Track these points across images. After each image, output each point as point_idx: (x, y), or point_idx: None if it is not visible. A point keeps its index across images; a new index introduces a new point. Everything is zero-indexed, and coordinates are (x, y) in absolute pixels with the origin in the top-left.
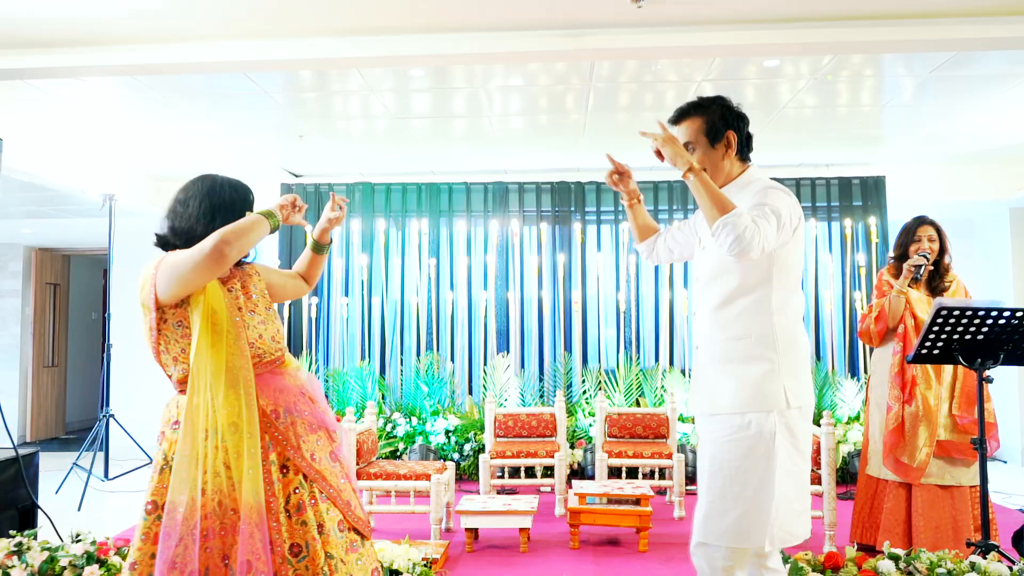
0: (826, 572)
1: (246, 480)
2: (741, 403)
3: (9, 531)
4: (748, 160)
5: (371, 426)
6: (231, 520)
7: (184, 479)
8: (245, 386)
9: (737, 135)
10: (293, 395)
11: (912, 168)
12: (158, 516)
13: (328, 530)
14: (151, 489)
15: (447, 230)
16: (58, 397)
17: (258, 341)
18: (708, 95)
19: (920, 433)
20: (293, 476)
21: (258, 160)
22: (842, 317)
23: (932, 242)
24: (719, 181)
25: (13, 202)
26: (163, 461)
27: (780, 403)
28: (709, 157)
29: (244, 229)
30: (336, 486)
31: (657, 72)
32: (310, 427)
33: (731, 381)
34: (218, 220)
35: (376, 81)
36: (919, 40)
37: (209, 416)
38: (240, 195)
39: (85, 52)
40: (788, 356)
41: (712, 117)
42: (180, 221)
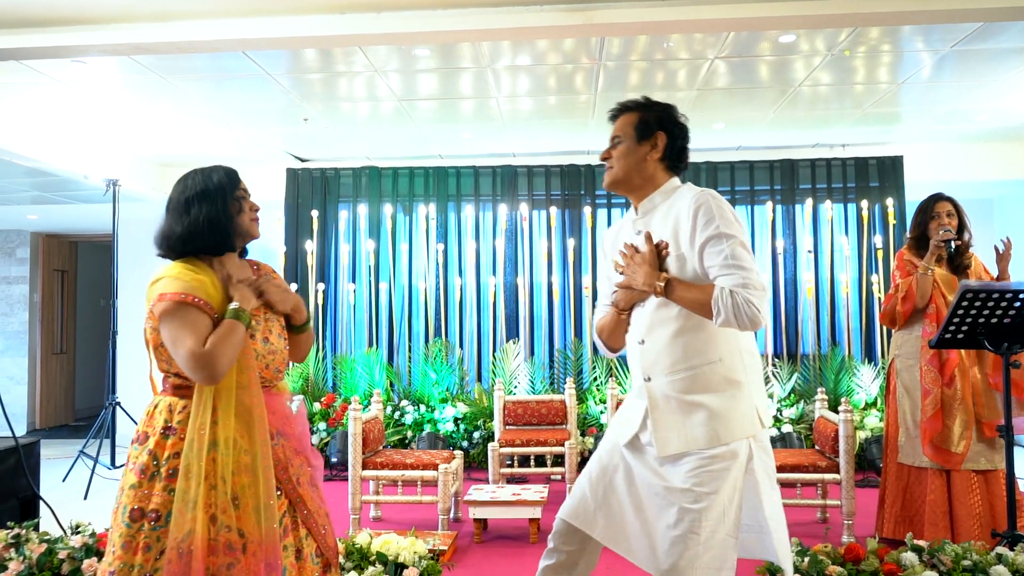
0: (847, 564)
1: (239, 496)
2: (718, 435)
3: (8, 522)
4: (676, 172)
5: (377, 414)
6: (225, 537)
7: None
8: (244, 405)
9: (668, 139)
10: (282, 417)
11: (930, 147)
12: (141, 526)
13: (305, 555)
14: (136, 495)
15: (455, 215)
16: (67, 384)
17: (263, 371)
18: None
19: (960, 417)
20: (283, 500)
21: (263, 144)
22: (858, 300)
23: (951, 218)
24: (637, 181)
25: (18, 188)
26: (154, 466)
27: (755, 425)
28: (632, 152)
29: (223, 343)
30: (314, 511)
31: (668, 50)
32: (295, 451)
33: (701, 412)
34: (192, 209)
35: (381, 62)
36: (943, 10)
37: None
38: (205, 179)
39: (81, 31)
40: (754, 374)
41: (647, 115)
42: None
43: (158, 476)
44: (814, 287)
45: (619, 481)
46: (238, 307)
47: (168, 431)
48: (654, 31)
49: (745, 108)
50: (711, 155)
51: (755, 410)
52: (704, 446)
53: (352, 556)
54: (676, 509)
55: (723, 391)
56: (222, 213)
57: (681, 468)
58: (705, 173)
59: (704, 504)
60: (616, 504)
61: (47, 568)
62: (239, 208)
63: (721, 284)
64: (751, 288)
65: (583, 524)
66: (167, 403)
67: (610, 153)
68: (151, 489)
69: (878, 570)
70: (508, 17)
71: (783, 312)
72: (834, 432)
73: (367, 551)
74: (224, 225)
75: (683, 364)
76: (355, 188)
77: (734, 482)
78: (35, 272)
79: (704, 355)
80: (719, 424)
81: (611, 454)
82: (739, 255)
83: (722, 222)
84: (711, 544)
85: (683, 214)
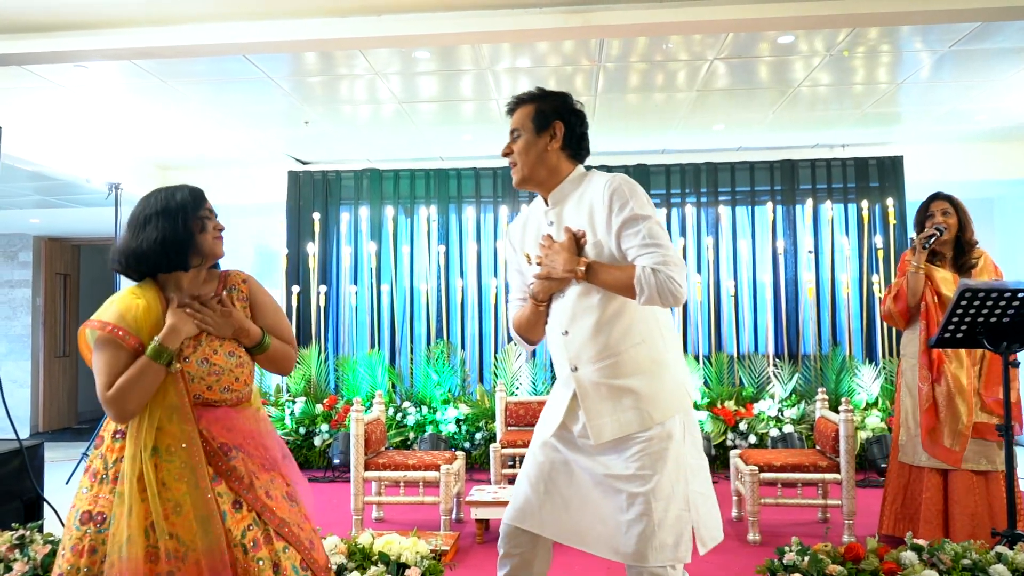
0: (847, 564)
1: (176, 504)
2: (651, 416)
3: (12, 524)
4: (579, 159)
5: (379, 416)
6: (167, 545)
7: (123, 520)
8: (182, 417)
9: (567, 128)
10: (242, 435)
11: (930, 147)
12: (87, 529)
13: (285, 568)
14: (87, 498)
15: (456, 216)
16: (70, 387)
17: (205, 392)
18: (521, 88)
19: (956, 413)
20: (247, 512)
21: (264, 147)
22: (859, 301)
23: (947, 216)
24: (542, 173)
25: (21, 191)
26: (103, 470)
27: (685, 400)
28: (532, 144)
29: (132, 386)
30: (294, 524)
31: (668, 51)
32: (263, 467)
33: (630, 396)
34: (148, 226)
35: (382, 64)
36: (941, 10)
37: (152, 437)
38: (168, 198)
39: (83, 36)
40: (675, 350)
41: (543, 106)
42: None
43: (106, 480)
44: (815, 287)
45: (558, 476)
46: (158, 343)
47: (118, 435)
48: (653, 32)
49: (745, 109)
50: (711, 156)
51: (681, 386)
52: (638, 429)
53: (354, 556)
54: (624, 495)
55: (649, 372)
56: (181, 232)
57: (622, 454)
58: (705, 174)
59: (651, 485)
60: (560, 499)
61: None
62: (202, 227)
63: (642, 263)
64: (671, 265)
65: (531, 525)
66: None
67: (511, 148)
68: (98, 493)
69: (878, 569)
70: (508, 19)
71: (784, 312)
72: (835, 432)
73: (369, 551)
74: (179, 244)
75: (609, 350)
76: (356, 190)
77: (676, 459)
78: (38, 276)
79: (628, 339)
80: (649, 405)
81: (544, 450)
82: (656, 234)
83: (636, 204)
84: (665, 523)
85: (597, 200)
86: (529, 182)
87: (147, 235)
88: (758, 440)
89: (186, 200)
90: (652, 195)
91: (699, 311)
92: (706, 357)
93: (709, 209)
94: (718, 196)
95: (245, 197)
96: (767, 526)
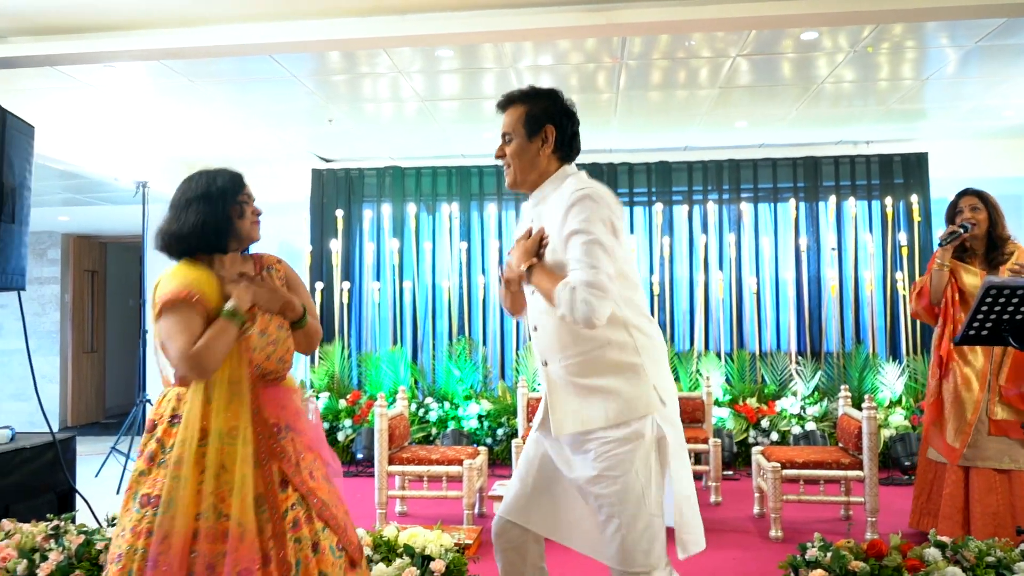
0: (870, 560)
1: (237, 486)
2: (616, 414)
3: (47, 515)
4: (569, 160)
5: (403, 411)
6: (223, 526)
7: (180, 477)
8: (241, 397)
9: (558, 131)
10: (293, 413)
11: (956, 144)
12: (146, 512)
13: (323, 548)
14: (146, 481)
15: (478, 214)
16: (98, 382)
17: (264, 363)
18: (542, 85)
19: (962, 411)
20: (291, 492)
21: (289, 145)
22: (882, 298)
23: (976, 211)
24: (533, 177)
25: (50, 190)
26: (161, 453)
27: (655, 404)
28: (525, 149)
29: (213, 343)
30: (332, 505)
31: (690, 48)
32: (306, 447)
33: (598, 395)
34: (191, 209)
35: (405, 63)
36: (967, 6)
37: (210, 420)
38: (208, 182)
39: (113, 37)
40: (651, 353)
41: (534, 108)
42: (164, 226)
43: (164, 464)
44: (838, 285)
45: (544, 471)
46: (233, 307)
47: (175, 419)
48: (676, 30)
49: (767, 106)
50: (733, 153)
51: (652, 389)
52: (600, 425)
53: (380, 548)
54: (592, 497)
55: (618, 373)
56: (220, 216)
57: (588, 455)
58: (727, 171)
59: (617, 487)
60: (547, 494)
61: (85, 559)
62: (240, 212)
63: (568, 279)
64: (593, 288)
65: (519, 518)
66: (176, 392)
67: (504, 150)
68: (156, 476)
69: (901, 566)
70: (532, 18)
71: (807, 310)
72: (858, 429)
73: (394, 543)
74: (218, 228)
75: (573, 349)
76: (379, 188)
77: (645, 461)
78: (66, 272)
79: (593, 340)
80: (615, 404)
81: (533, 444)
82: (594, 253)
83: (588, 219)
84: (635, 527)
85: (561, 204)
86: (522, 184)
87: (188, 218)
88: (780, 438)
89: (226, 185)
90: (674, 192)
91: (721, 308)
92: (728, 354)
93: (731, 206)
94: (740, 193)
95: (269, 195)
96: (789, 523)
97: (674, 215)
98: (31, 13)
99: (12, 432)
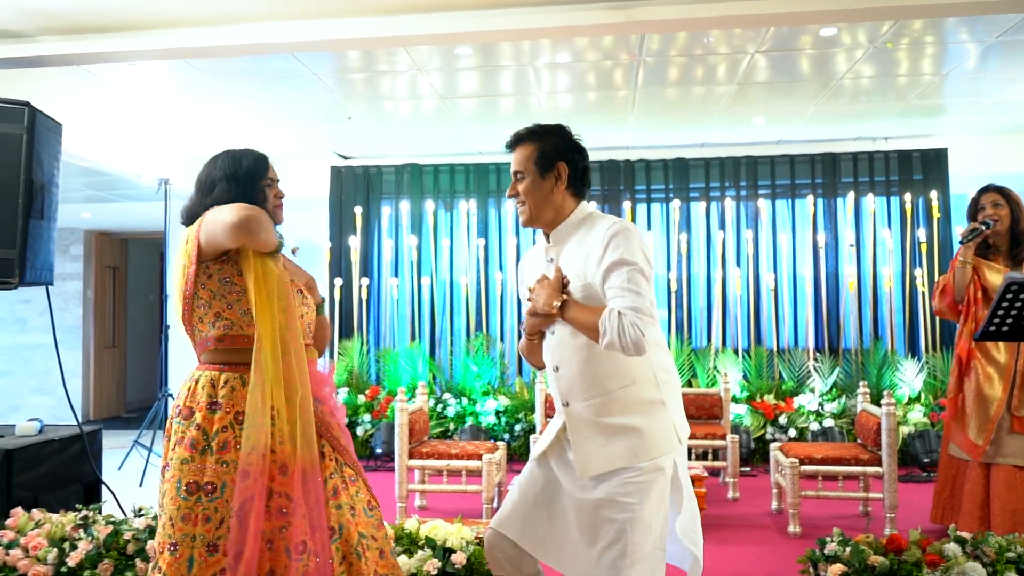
0: (889, 555)
1: (300, 438)
2: (640, 452)
3: (76, 505)
4: (582, 195)
5: (422, 406)
6: (276, 502)
7: (254, 435)
8: (297, 353)
9: (570, 168)
10: (319, 383)
11: (976, 139)
12: (198, 498)
13: (359, 511)
14: (190, 469)
15: (495, 210)
16: (119, 377)
17: (306, 331)
18: (549, 123)
19: (985, 408)
20: (328, 461)
21: (308, 142)
22: (901, 295)
23: (998, 207)
24: (549, 214)
25: (73, 187)
26: (204, 440)
27: (674, 443)
28: (538, 187)
29: (264, 225)
30: (357, 466)
31: (708, 45)
32: (330, 414)
33: (623, 433)
34: (217, 189)
35: (423, 61)
36: (988, 1)
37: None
38: (235, 163)
39: (137, 36)
40: (670, 391)
41: (544, 146)
42: (190, 204)
43: (209, 450)
44: (856, 281)
45: (547, 491)
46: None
47: (214, 406)
48: (697, 27)
49: (785, 102)
50: (751, 150)
51: (672, 427)
52: (624, 464)
53: (401, 540)
54: (603, 521)
55: (640, 412)
56: (246, 197)
57: (606, 481)
58: (745, 168)
59: (629, 515)
60: (545, 513)
61: (113, 548)
62: (264, 195)
63: (612, 305)
64: (640, 313)
65: (512, 533)
66: (208, 377)
67: (516, 189)
68: (203, 463)
69: (920, 560)
70: (552, 16)
71: (824, 306)
72: (876, 425)
73: (416, 536)
74: None
75: (597, 389)
76: (397, 185)
77: (660, 494)
78: (88, 269)
79: (617, 379)
80: (639, 443)
81: (539, 464)
82: (637, 281)
83: (627, 249)
84: (639, 555)
85: (596, 242)
86: (536, 222)
87: (214, 198)
88: (798, 434)
89: (251, 166)
90: (691, 188)
91: (738, 305)
92: (745, 351)
93: (748, 203)
94: (758, 190)
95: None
96: (807, 519)
97: (691, 211)
98: (59, 13)
99: (41, 424)
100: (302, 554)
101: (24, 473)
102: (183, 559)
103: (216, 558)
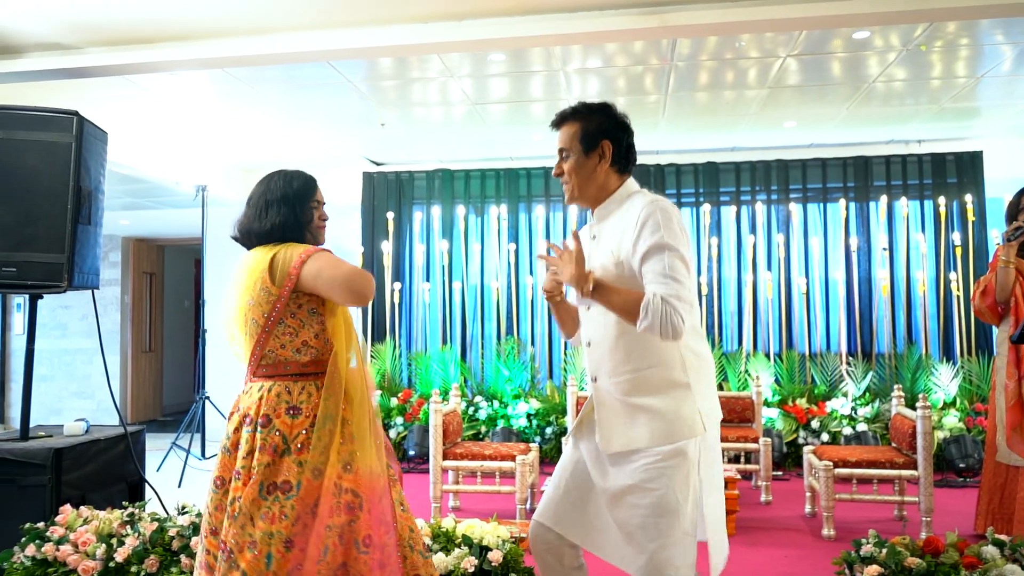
0: (926, 557)
1: (369, 438)
2: (660, 435)
3: (121, 503)
4: (627, 172)
5: (456, 407)
6: (345, 499)
7: (326, 437)
8: (365, 361)
9: (614, 145)
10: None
11: (1011, 142)
12: (276, 498)
13: (407, 507)
14: (269, 472)
15: (526, 215)
16: (155, 381)
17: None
18: (594, 101)
19: None
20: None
21: (341, 149)
22: (935, 299)
23: None
24: (592, 191)
25: (112, 194)
26: (283, 444)
27: (698, 428)
28: (582, 165)
29: (372, 289)
30: (399, 468)
31: (739, 49)
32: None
33: (644, 414)
34: (271, 211)
35: (455, 66)
36: (1021, 3)
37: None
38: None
39: (179, 47)
40: (700, 375)
41: (589, 125)
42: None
43: (288, 452)
44: (889, 285)
45: (576, 478)
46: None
47: (293, 411)
48: (728, 32)
49: (817, 105)
50: (782, 153)
51: (698, 413)
52: (646, 445)
53: (439, 539)
54: (628, 507)
55: (666, 393)
56: (296, 219)
57: (629, 466)
58: (776, 172)
59: (653, 500)
60: (578, 499)
61: (159, 544)
62: (311, 216)
63: (654, 290)
64: (682, 300)
65: (552, 523)
66: (283, 386)
67: (561, 168)
68: (281, 465)
69: (958, 563)
70: (585, 22)
71: (857, 310)
72: (912, 429)
73: (453, 534)
74: (295, 230)
75: (625, 367)
76: (429, 190)
77: (685, 479)
78: (126, 275)
79: (645, 359)
80: (661, 425)
81: (571, 451)
82: (676, 268)
83: (667, 233)
84: (669, 541)
85: (631, 221)
86: (580, 199)
87: (270, 219)
88: (831, 438)
89: (301, 187)
90: (722, 193)
91: (770, 309)
92: (777, 355)
93: (780, 207)
94: (789, 194)
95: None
96: (841, 523)
97: (722, 216)
98: (105, 26)
99: (87, 424)
100: (368, 547)
101: (72, 471)
102: (263, 556)
103: (293, 554)
